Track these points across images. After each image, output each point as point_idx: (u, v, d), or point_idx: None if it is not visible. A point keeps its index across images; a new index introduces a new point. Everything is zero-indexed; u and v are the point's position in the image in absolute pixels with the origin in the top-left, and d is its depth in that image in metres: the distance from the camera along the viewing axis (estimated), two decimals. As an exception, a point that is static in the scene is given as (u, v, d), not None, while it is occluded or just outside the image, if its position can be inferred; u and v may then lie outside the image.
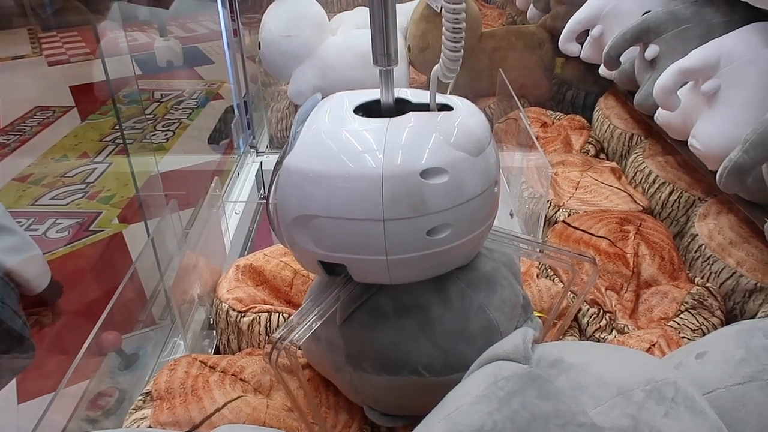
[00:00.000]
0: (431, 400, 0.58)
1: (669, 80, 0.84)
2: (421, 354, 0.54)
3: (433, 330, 0.54)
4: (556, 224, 0.94)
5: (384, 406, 0.61)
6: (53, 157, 2.61)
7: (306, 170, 0.48)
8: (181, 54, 3.47)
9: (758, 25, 0.83)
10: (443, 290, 0.56)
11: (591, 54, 1.21)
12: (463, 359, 0.54)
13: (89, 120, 2.97)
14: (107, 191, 2.33)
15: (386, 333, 0.55)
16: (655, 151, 1.07)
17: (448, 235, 0.49)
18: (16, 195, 2.30)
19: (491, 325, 0.56)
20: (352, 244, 0.48)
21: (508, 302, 0.59)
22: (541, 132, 1.27)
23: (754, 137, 0.67)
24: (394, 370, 0.55)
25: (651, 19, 0.98)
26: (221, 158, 1.41)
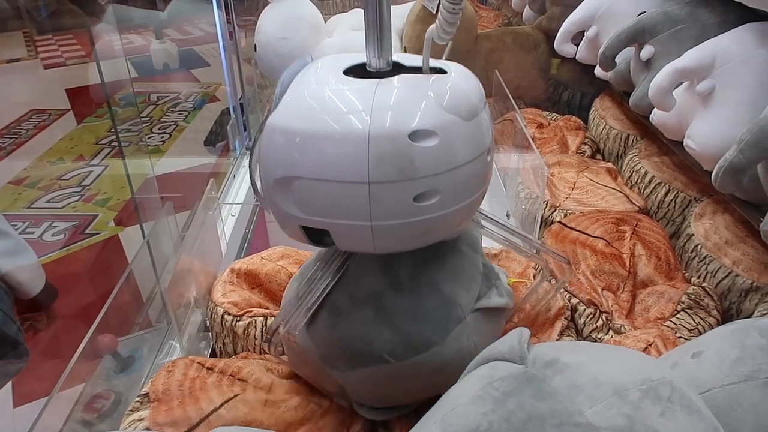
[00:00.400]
0: (409, 387, 0.58)
1: (664, 81, 0.84)
2: (382, 341, 0.54)
3: (389, 315, 0.54)
4: (552, 225, 0.94)
5: (370, 399, 0.61)
6: (49, 160, 2.60)
7: (289, 129, 0.46)
8: (177, 56, 3.47)
9: (753, 25, 0.83)
10: (393, 273, 0.55)
11: (586, 55, 1.21)
12: (423, 339, 0.54)
13: (85, 123, 2.97)
14: (103, 194, 2.33)
15: (347, 328, 0.54)
16: (651, 151, 1.07)
17: (437, 203, 0.47)
18: (12, 198, 2.30)
19: (445, 299, 0.55)
20: (335, 208, 0.47)
21: (462, 273, 0.58)
22: (537, 133, 1.27)
23: (749, 137, 0.67)
24: (362, 362, 0.55)
25: (646, 19, 0.99)
26: (217, 160, 1.41)
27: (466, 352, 0.56)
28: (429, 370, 0.55)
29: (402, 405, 0.62)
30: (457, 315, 0.56)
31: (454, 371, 0.55)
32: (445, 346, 0.55)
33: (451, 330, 0.55)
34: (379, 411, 0.61)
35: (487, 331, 0.59)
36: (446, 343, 0.55)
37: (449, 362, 0.55)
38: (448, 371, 0.55)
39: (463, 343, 0.56)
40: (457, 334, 0.55)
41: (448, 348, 0.55)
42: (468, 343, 0.56)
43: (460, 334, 0.56)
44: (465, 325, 0.56)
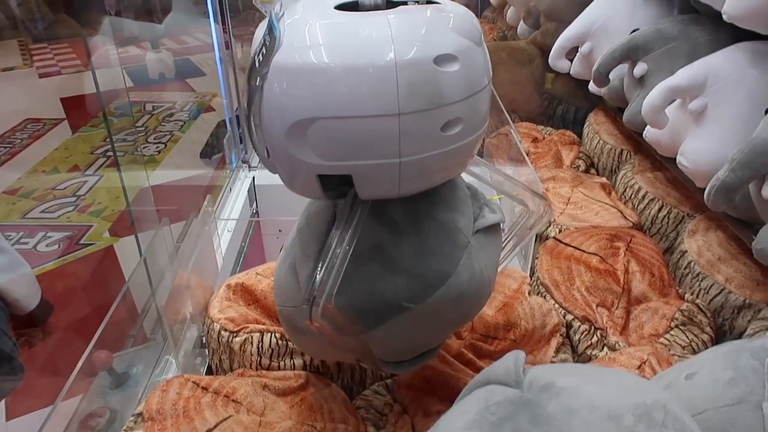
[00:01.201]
0: (434, 327, 0.58)
1: (657, 99, 0.85)
2: (398, 290, 0.53)
3: (397, 262, 0.53)
4: (547, 240, 0.94)
5: (398, 352, 0.60)
6: (44, 169, 2.60)
7: (304, 66, 0.42)
8: (173, 66, 3.47)
9: (743, 44, 0.85)
10: (389, 220, 0.54)
11: (581, 70, 1.23)
12: (437, 274, 0.53)
13: (80, 132, 2.96)
14: (98, 204, 2.32)
15: (357, 289, 0.53)
16: (645, 167, 1.08)
17: (461, 131, 0.46)
18: (6, 208, 2.29)
19: (446, 226, 0.55)
20: (361, 148, 0.44)
21: (455, 199, 0.57)
22: (532, 147, 1.28)
23: (741, 157, 0.68)
24: (383, 318, 0.53)
25: (639, 37, 1.00)
26: (213, 173, 1.41)
27: (479, 277, 0.55)
28: (450, 304, 0.54)
29: (427, 351, 0.62)
30: (461, 241, 0.55)
31: (474, 298, 0.57)
32: (459, 275, 0.54)
33: (460, 257, 0.54)
34: (407, 363, 0.60)
35: (490, 250, 0.59)
36: (459, 271, 0.54)
37: (467, 290, 0.54)
38: (469, 300, 0.56)
39: (474, 268, 0.55)
40: (466, 260, 0.55)
41: (462, 276, 0.54)
42: (479, 266, 0.55)
43: (469, 259, 0.55)
44: (471, 249, 0.55)
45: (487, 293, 0.59)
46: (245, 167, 1.38)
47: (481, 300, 0.59)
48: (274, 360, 0.73)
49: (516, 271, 0.85)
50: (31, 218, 2.22)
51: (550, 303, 0.81)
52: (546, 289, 0.85)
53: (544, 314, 0.78)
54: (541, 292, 0.86)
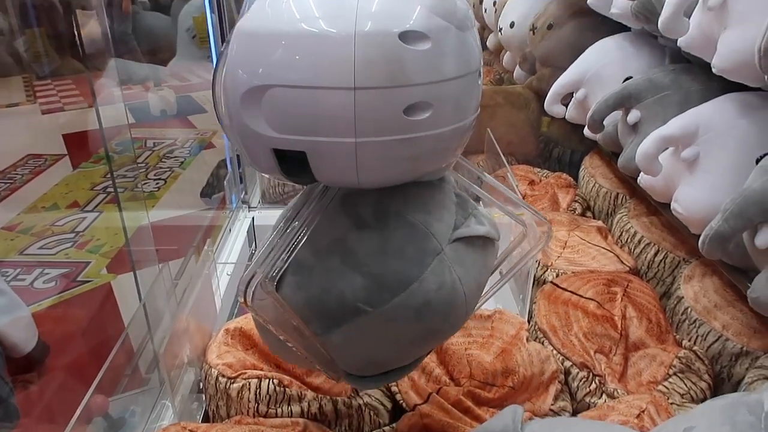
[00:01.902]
0: (396, 339, 0.52)
1: (650, 147, 0.87)
2: (354, 290, 0.49)
3: (357, 259, 0.49)
4: (545, 285, 0.95)
5: (358, 364, 0.56)
6: (43, 205, 2.60)
7: (262, 31, 0.42)
8: (174, 103, 3.51)
9: (733, 95, 0.87)
10: (355, 214, 0.51)
11: (576, 115, 1.25)
12: (398, 277, 0.49)
13: (81, 168, 2.98)
14: (97, 241, 2.32)
15: (313, 284, 0.50)
16: (640, 211, 1.09)
17: (428, 119, 0.43)
18: (4, 244, 2.29)
19: (415, 229, 0.50)
20: (314, 123, 0.42)
21: (432, 202, 0.53)
22: (529, 190, 1.30)
23: (733, 207, 0.69)
24: (337, 319, 0.50)
25: (632, 85, 1.03)
26: (213, 214, 1.42)
27: (450, 288, 0.51)
28: (412, 314, 0.50)
29: (395, 369, 0.57)
30: (433, 246, 0.51)
31: (440, 312, 0.51)
32: (424, 282, 0.50)
33: (428, 264, 0.50)
34: (371, 379, 0.56)
35: (470, 263, 0.53)
36: (425, 278, 0.50)
37: (433, 300, 0.50)
38: (434, 312, 0.50)
39: (445, 277, 0.50)
40: (436, 267, 0.50)
41: (428, 283, 0.50)
42: (451, 277, 0.51)
43: (440, 267, 0.50)
44: (443, 257, 0.51)
45: (461, 312, 0.54)
46: (245, 207, 1.39)
47: (451, 317, 0.54)
48: (272, 407, 0.72)
49: (513, 317, 0.85)
50: (29, 254, 2.22)
51: (548, 349, 0.81)
52: (544, 335, 0.85)
53: (543, 361, 0.78)
54: (539, 338, 0.86)
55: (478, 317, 0.84)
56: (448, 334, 0.58)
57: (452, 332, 0.58)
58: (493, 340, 0.81)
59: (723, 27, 0.78)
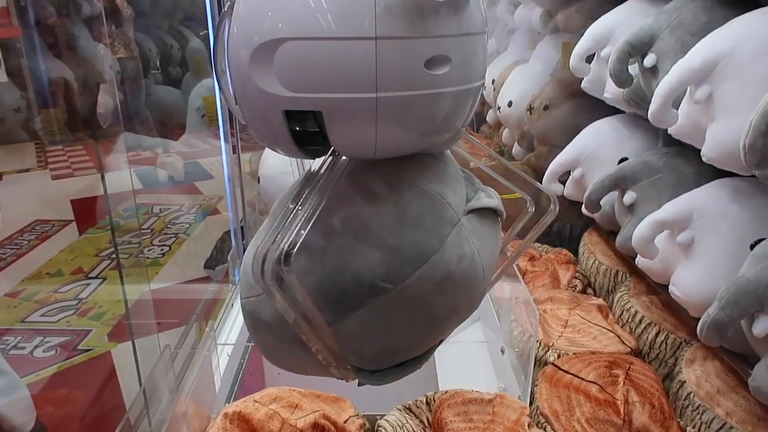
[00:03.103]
0: (417, 322, 0.49)
1: (645, 231, 0.89)
2: (372, 266, 0.46)
3: (373, 233, 0.47)
4: (546, 366, 0.95)
5: (373, 356, 0.52)
6: (48, 272, 2.62)
7: None
8: (182, 169, 3.58)
9: (725, 181, 0.89)
10: (367, 189, 0.49)
11: (573, 192, 1.28)
12: (418, 248, 0.46)
13: (87, 234, 3.01)
14: (99, 308, 2.32)
15: (325, 266, 0.47)
16: (640, 290, 1.10)
17: (448, 73, 0.42)
18: (7, 311, 2.29)
19: (432, 198, 0.49)
20: (332, 77, 0.39)
21: (444, 174, 0.51)
22: (529, 266, 1.31)
23: (728, 295, 0.70)
24: (354, 302, 0.47)
25: (626, 168, 1.06)
26: (216, 287, 1.43)
27: (470, 261, 0.48)
28: (434, 288, 0.47)
29: (408, 361, 0.53)
30: (450, 216, 0.49)
31: (461, 286, 0.48)
32: (445, 253, 0.47)
33: (447, 234, 0.48)
34: (386, 373, 0.53)
35: (485, 236, 0.52)
36: (445, 249, 0.47)
37: (454, 273, 0.47)
38: (456, 286, 0.48)
39: (464, 249, 0.48)
40: (455, 238, 0.48)
41: (448, 254, 0.47)
42: (470, 249, 0.49)
43: (458, 238, 0.48)
44: (461, 227, 0.49)
45: (480, 288, 0.51)
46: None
47: (472, 292, 0.51)
48: (269, 498, 0.71)
49: (515, 402, 0.84)
50: (31, 322, 2.22)
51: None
52: (546, 420, 0.84)
53: (545, 449, 0.77)
54: (540, 423, 0.85)
55: (480, 401, 0.83)
56: (465, 314, 0.55)
57: (469, 312, 0.54)
58: (494, 426, 0.80)
59: (710, 118, 0.81)
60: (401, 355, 0.53)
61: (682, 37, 0.92)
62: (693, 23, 0.92)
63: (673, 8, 0.96)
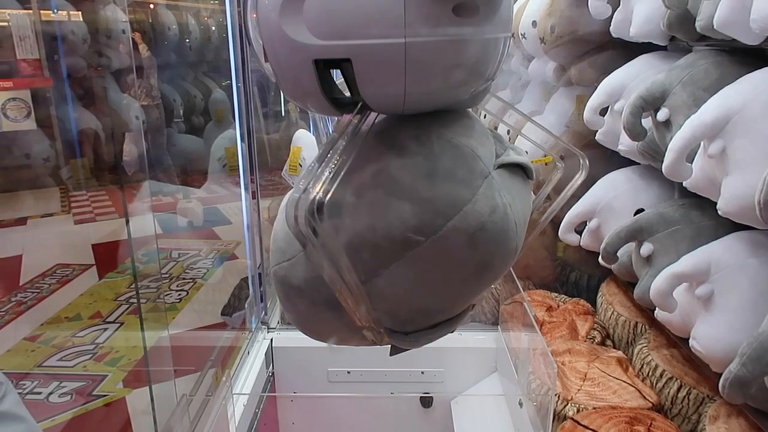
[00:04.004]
0: (451, 277, 0.48)
1: (664, 284, 0.88)
2: (404, 219, 0.46)
3: (404, 186, 0.46)
4: (565, 421, 0.93)
5: (406, 318, 0.51)
6: (67, 316, 2.64)
7: None
8: (201, 215, 3.63)
9: (742, 234, 0.89)
10: (396, 144, 0.49)
11: (590, 243, 1.28)
12: (450, 198, 0.46)
13: (106, 278, 3.05)
14: (115, 353, 2.33)
15: (356, 222, 0.46)
16: (660, 342, 1.08)
17: (476, 20, 0.42)
18: (25, 355, 2.31)
19: (462, 150, 0.48)
20: (361, 22, 0.40)
21: (470, 128, 0.51)
22: (547, 316, 1.30)
23: (750, 352, 0.69)
24: (386, 258, 0.46)
25: (643, 219, 1.06)
26: (233, 335, 1.44)
27: (502, 213, 0.48)
28: (467, 241, 0.46)
29: (442, 323, 0.52)
30: (481, 168, 0.48)
31: (494, 239, 0.48)
32: (477, 204, 0.47)
33: (479, 186, 0.47)
34: (420, 335, 0.51)
35: (516, 192, 0.51)
36: (477, 199, 0.47)
37: (487, 224, 0.47)
38: (489, 239, 0.47)
39: (496, 200, 0.48)
40: (486, 190, 0.48)
41: (481, 206, 0.47)
42: (501, 201, 0.48)
43: (490, 190, 0.48)
44: (491, 180, 0.48)
45: (512, 245, 0.50)
46: (264, 329, 1.41)
47: (505, 247, 0.50)
48: None
49: (534, 458, 0.83)
50: (48, 366, 2.23)
51: (570, 495, 0.78)
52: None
53: None
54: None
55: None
56: (498, 271, 0.53)
57: (502, 269, 0.53)
58: (512, 483, 0.78)
59: (725, 173, 0.82)
60: (434, 316, 0.52)
61: (695, 92, 0.94)
62: (704, 79, 0.94)
63: (685, 64, 0.98)
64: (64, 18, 3.02)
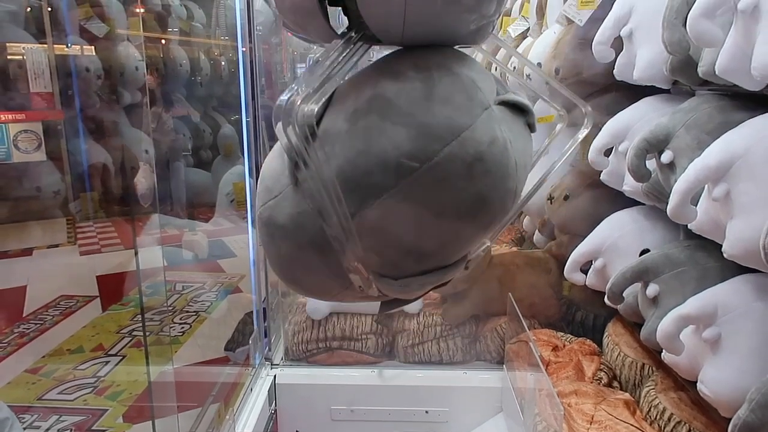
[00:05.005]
0: (443, 213, 0.45)
1: (670, 326, 0.88)
2: (398, 144, 0.44)
3: (400, 110, 0.45)
4: (572, 465, 0.91)
5: (395, 259, 0.48)
6: (69, 348, 2.63)
7: None
8: (206, 248, 3.63)
9: (748, 276, 0.89)
10: (391, 70, 0.47)
11: (596, 282, 1.28)
12: (447, 122, 0.44)
13: (110, 310, 3.04)
14: (116, 387, 2.31)
15: (348, 149, 0.44)
16: (667, 385, 1.07)
17: None
18: (26, 388, 2.29)
19: (463, 79, 0.47)
20: None
21: (471, 63, 0.49)
22: (553, 356, 1.29)
23: (759, 397, 0.69)
24: (379, 187, 0.44)
25: (648, 260, 1.06)
26: (236, 371, 1.43)
27: (502, 147, 0.46)
28: (464, 169, 0.44)
29: (435, 270, 0.49)
30: (481, 99, 0.47)
31: (493, 172, 0.46)
32: (476, 131, 0.45)
33: (478, 114, 0.46)
34: (408, 281, 0.49)
35: (517, 133, 0.49)
36: (476, 127, 0.45)
37: (485, 154, 0.45)
38: (486, 171, 0.45)
39: (496, 132, 0.46)
40: (486, 120, 0.46)
41: (480, 133, 0.45)
42: (502, 135, 0.46)
43: (489, 121, 0.46)
44: (492, 112, 0.46)
45: (512, 183, 0.48)
46: (267, 365, 1.40)
47: (503, 185, 0.48)
48: None
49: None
50: (48, 399, 2.21)
51: None
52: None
53: None
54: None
55: None
56: (495, 213, 0.50)
57: (500, 212, 0.50)
58: None
59: (730, 216, 0.82)
60: (424, 261, 0.50)
61: (698, 135, 0.95)
62: (708, 123, 0.95)
63: (688, 108, 0.99)
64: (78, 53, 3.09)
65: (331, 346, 1.41)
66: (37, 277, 3.45)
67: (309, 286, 0.55)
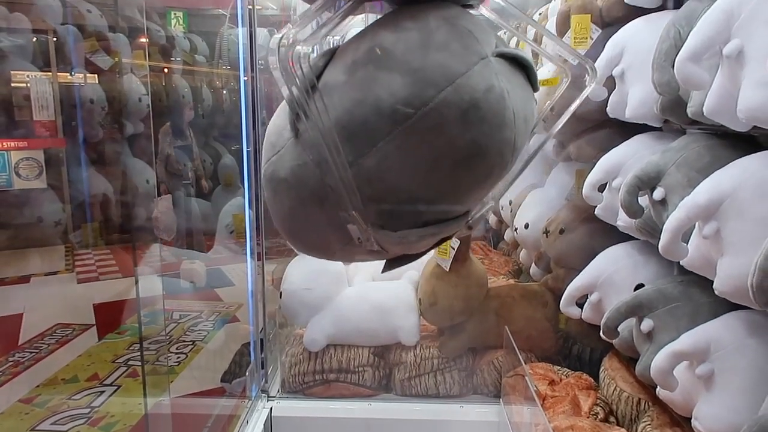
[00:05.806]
0: (439, 160, 0.45)
1: (664, 362, 0.89)
2: (393, 91, 0.44)
3: (394, 57, 0.45)
4: (568, 502, 0.91)
5: (395, 210, 0.48)
6: (63, 377, 2.61)
7: None
8: (204, 276, 3.62)
9: (740, 313, 0.91)
10: (388, 23, 0.47)
11: (591, 316, 1.29)
12: (442, 68, 0.44)
13: (106, 339, 3.02)
14: (110, 417, 2.29)
15: (345, 98, 0.45)
16: (663, 421, 1.07)
17: None
18: (18, 418, 2.26)
19: (460, 29, 0.47)
20: None
21: (471, 18, 0.50)
22: (549, 390, 1.29)
23: (751, 435, 0.69)
24: (375, 134, 0.44)
25: (642, 295, 1.07)
26: (232, 403, 1.43)
27: (498, 95, 0.46)
28: (459, 116, 0.44)
29: (433, 223, 0.49)
30: (478, 49, 0.47)
31: (489, 120, 0.45)
32: (471, 78, 0.45)
33: (474, 62, 0.46)
34: (407, 233, 0.49)
35: (516, 86, 0.49)
36: (471, 74, 0.45)
37: (481, 101, 0.45)
38: (482, 119, 0.45)
39: (492, 81, 0.46)
40: (482, 68, 0.46)
41: (476, 80, 0.45)
42: (498, 84, 0.46)
43: (486, 69, 0.46)
44: (489, 62, 0.46)
45: (510, 134, 0.48)
46: (264, 397, 1.39)
47: (500, 132, 0.47)
48: None
49: None
50: (41, 430, 2.19)
51: None
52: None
53: None
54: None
55: None
56: (493, 164, 0.50)
57: (497, 163, 0.50)
58: None
59: (720, 253, 0.84)
60: (423, 210, 0.51)
61: (689, 173, 0.97)
62: (697, 161, 0.98)
63: (678, 147, 1.02)
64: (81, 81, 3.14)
65: (328, 379, 1.41)
66: (33, 304, 3.43)
67: (310, 242, 0.56)
